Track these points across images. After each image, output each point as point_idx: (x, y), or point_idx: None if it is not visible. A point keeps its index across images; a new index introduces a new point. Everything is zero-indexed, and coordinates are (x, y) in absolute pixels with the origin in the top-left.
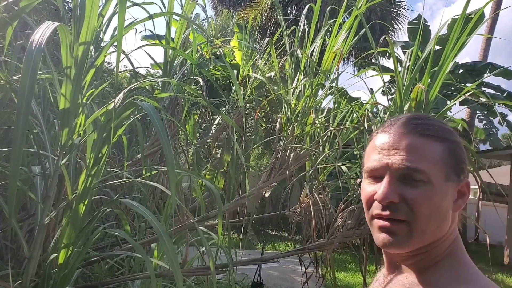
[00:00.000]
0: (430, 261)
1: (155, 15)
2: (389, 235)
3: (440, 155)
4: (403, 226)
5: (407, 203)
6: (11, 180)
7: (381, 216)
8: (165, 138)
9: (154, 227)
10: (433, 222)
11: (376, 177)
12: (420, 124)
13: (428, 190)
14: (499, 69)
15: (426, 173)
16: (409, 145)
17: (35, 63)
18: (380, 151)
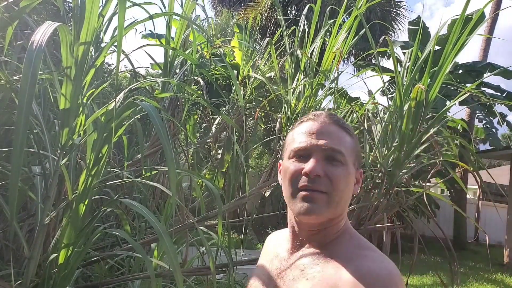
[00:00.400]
0: (331, 236)
1: (155, 15)
2: (311, 204)
3: (351, 145)
4: (324, 197)
5: (329, 178)
6: (12, 181)
7: (307, 188)
8: (165, 138)
9: (154, 227)
10: (344, 197)
11: (302, 156)
12: (340, 119)
13: (345, 170)
14: (499, 69)
15: (345, 156)
16: (333, 132)
17: (36, 64)
18: (309, 135)
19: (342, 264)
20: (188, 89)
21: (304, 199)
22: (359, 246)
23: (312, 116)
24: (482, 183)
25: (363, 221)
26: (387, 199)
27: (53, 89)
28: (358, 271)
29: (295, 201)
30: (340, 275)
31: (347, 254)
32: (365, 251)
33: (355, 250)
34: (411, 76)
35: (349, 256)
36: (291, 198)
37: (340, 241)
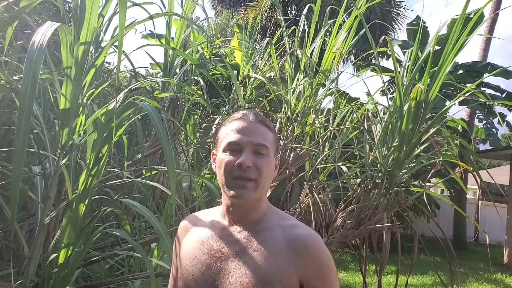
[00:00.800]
0: (260, 213)
1: (155, 15)
2: (243, 190)
3: (272, 139)
4: (253, 183)
5: (257, 168)
6: (14, 182)
7: (240, 177)
8: (165, 138)
9: (154, 227)
10: (267, 181)
11: (235, 150)
12: (263, 118)
13: (268, 160)
14: (499, 69)
15: (268, 149)
16: (259, 130)
17: (37, 64)
18: (241, 132)
19: (277, 233)
20: (188, 89)
21: (238, 186)
22: (283, 218)
23: (242, 115)
24: (482, 183)
25: (363, 220)
26: (387, 199)
27: (53, 89)
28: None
29: (230, 187)
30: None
31: (278, 225)
32: (290, 221)
33: (282, 221)
34: (411, 76)
35: (280, 226)
36: (225, 185)
37: (268, 216)
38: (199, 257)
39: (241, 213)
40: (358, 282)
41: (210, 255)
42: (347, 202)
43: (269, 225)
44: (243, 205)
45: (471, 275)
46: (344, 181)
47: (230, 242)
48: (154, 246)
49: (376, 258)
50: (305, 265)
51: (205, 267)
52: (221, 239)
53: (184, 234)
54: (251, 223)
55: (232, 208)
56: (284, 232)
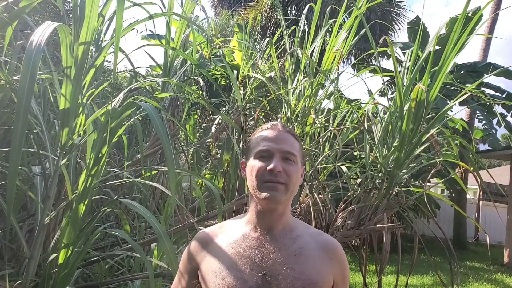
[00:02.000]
0: (287, 221)
1: (155, 15)
2: (274, 192)
3: (299, 149)
4: (283, 186)
5: (286, 173)
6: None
7: (272, 180)
8: (165, 138)
9: (153, 227)
10: (295, 187)
11: (265, 157)
12: (291, 130)
13: (296, 167)
14: (500, 69)
15: (296, 156)
16: (288, 139)
17: (35, 63)
18: (271, 141)
19: (309, 240)
20: (188, 89)
21: (269, 188)
22: (307, 226)
23: (271, 126)
24: (482, 183)
25: (363, 221)
26: (387, 199)
27: (53, 89)
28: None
29: (261, 191)
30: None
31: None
32: (314, 229)
33: (308, 230)
34: (411, 76)
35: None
36: (257, 189)
37: (295, 225)
38: (240, 267)
39: (271, 221)
40: (358, 282)
41: (252, 264)
42: (347, 202)
43: (299, 233)
44: (273, 211)
45: (471, 275)
46: (344, 181)
47: (269, 250)
48: (154, 247)
49: (376, 258)
50: (337, 267)
51: (249, 277)
52: (260, 249)
53: (203, 248)
54: (283, 232)
55: (262, 214)
56: (314, 239)
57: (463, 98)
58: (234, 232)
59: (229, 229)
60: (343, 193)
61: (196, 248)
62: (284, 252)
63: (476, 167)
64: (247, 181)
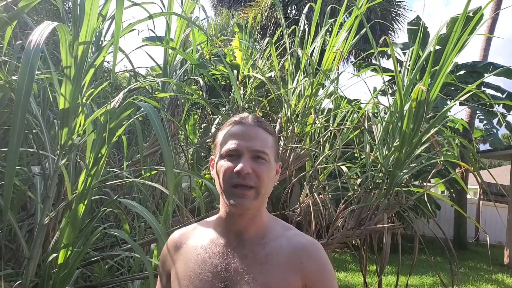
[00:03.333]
0: (262, 223)
1: (155, 15)
2: (242, 199)
3: (272, 144)
4: (253, 191)
5: (256, 174)
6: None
7: (240, 184)
8: (164, 138)
9: (153, 228)
10: (268, 188)
11: (233, 155)
12: (263, 122)
13: (268, 166)
14: (500, 68)
15: (268, 155)
16: (258, 135)
17: (33, 63)
18: (239, 137)
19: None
20: (187, 89)
21: (237, 195)
22: (286, 227)
23: (239, 119)
24: (483, 183)
25: (364, 221)
26: (388, 199)
27: (52, 89)
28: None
29: (229, 196)
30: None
31: (282, 234)
32: (292, 230)
33: (286, 231)
34: (411, 76)
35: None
36: (224, 193)
37: (270, 226)
38: (201, 277)
39: (242, 225)
40: (359, 282)
41: (214, 273)
42: (347, 203)
43: (273, 236)
44: (243, 215)
45: (471, 276)
46: (345, 181)
47: (234, 258)
48: (154, 247)
49: (377, 259)
50: (309, 271)
51: (209, 286)
52: (224, 256)
53: (175, 252)
54: (255, 237)
55: (232, 218)
56: (288, 241)
57: (464, 98)
58: (203, 236)
59: (199, 232)
60: (343, 193)
61: (168, 252)
62: (249, 261)
63: (477, 167)
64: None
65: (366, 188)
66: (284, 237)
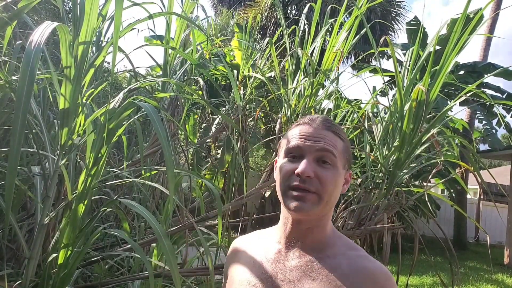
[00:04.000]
0: (322, 236)
1: (155, 15)
2: (301, 202)
3: (341, 149)
4: (314, 196)
5: (319, 179)
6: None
7: (298, 187)
8: (164, 138)
9: (153, 228)
10: (333, 196)
11: (296, 156)
12: (333, 125)
13: (334, 172)
14: (500, 69)
15: (335, 158)
16: (325, 136)
17: (34, 63)
18: (304, 137)
19: (341, 263)
20: (187, 89)
21: (296, 198)
22: (350, 247)
23: (308, 120)
24: (483, 183)
25: (364, 221)
26: (388, 199)
27: (52, 89)
28: (359, 267)
29: (287, 198)
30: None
31: (343, 253)
32: (357, 251)
33: (349, 250)
34: (411, 76)
35: (346, 256)
36: (284, 195)
37: (332, 242)
38: (251, 280)
39: (301, 233)
40: None
41: (262, 279)
42: (347, 202)
43: (333, 253)
44: (300, 222)
45: (471, 276)
46: None
47: (286, 268)
48: (154, 247)
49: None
50: None
51: None
52: (276, 264)
53: (233, 257)
54: (312, 249)
55: (291, 225)
56: (349, 263)
57: (463, 99)
58: (261, 243)
59: (259, 240)
60: (343, 193)
61: (228, 256)
62: (301, 273)
63: (477, 167)
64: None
65: (366, 188)
66: (346, 257)
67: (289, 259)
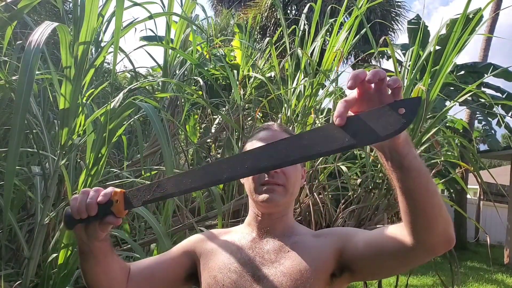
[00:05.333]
0: (289, 223)
1: (155, 15)
2: (271, 194)
3: None
4: (281, 188)
5: (284, 174)
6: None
7: (269, 182)
8: (164, 138)
9: (153, 228)
10: (295, 188)
11: None
12: (287, 128)
13: (294, 167)
14: (499, 69)
15: None
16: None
17: (33, 63)
18: (266, 140)
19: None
20: (187, 89)
21: (266, 191)
22: (311, 230)
23: (266, 126)
24: (483, 183)
25: (364, 221)
26: (388, 200)
27: (52, 89)
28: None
29: (259, 193)
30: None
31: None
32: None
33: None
34: (411, 76)
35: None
36: (254, 191)
37: (297, 227)
38: (230, 266)
39: (270, 223)
40: (359, 282)
41: (242, 263)
42: (347, 203)
43: (300, 234)
44: (271, 214)
45: (471, 276)
46: (345, 182)
47: (263, 251)
48: (154, 247)
49: None
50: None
51: (237, 276)
52: (253, 249)
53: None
54: (283, 234)
55: (261, 217)
56: (312, 235)
57: (463, 99)
58: (234, 234)
59: (231, 232)
60: (343, 193)
61: (200, 240)
62: (276, 251)
63: (477, 167)
64: (244, 185)
65: (366, 188)
66: (310, 234)
67: (264, 244)
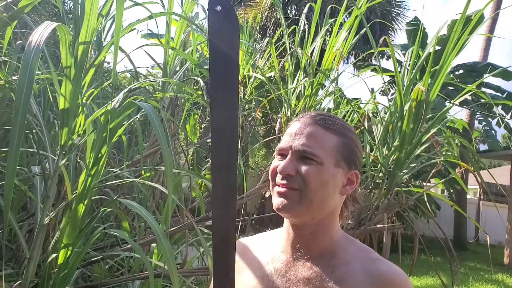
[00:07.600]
0: (328, 243)
1: (155, 15)
2: (284, 199)
3: (334, 145)
4: (296, 193)
5: (301, 176)
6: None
7: (281, 184)
8: (164, 139)
9: (152, 228)
10: (319, 195)
11: (283, 155)
12: (324, 119)
13: (319, 169)
14: (499, 69)
15: (318, 156)
16: (310, 132)
17: (33, 64)
18: (289, 135)
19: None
20: (187, 89)
21: (279, 194)
22: (362, 249)
23: (299, 117)
24: (483, 183)
25: (364, 221)
26: (388, 199)
27: (53, 89)
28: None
29: (273, 195)
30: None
31: (355, 257)
32: (370, 254)
33: (361, 252)
34: (411, 76)
35: (358, 260)
36: (272, 194)
37: (342, 247)
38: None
39: (303, 240)
40: None
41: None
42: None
43: (344, 260)
44: (300, 227)
45: (471, 276)
46: None
47: (297, 280)
48: (154, 247)
49: None
50: None
51: None
52: (287, 276)
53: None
54: (321, 256)
55: (292, 229)
56: (364, 268)
57: (463, 99)
58: (266, 249)
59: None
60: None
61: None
62: (314, 286)
63: (477, 167)
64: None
65: (366, 188)
66: (359, 262)
67: (299, 270)
